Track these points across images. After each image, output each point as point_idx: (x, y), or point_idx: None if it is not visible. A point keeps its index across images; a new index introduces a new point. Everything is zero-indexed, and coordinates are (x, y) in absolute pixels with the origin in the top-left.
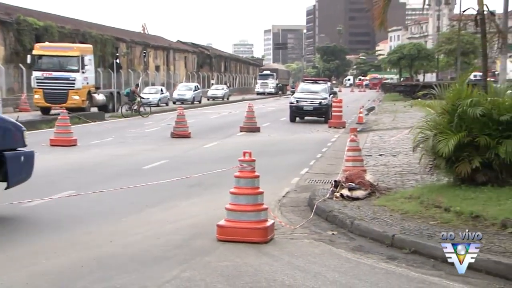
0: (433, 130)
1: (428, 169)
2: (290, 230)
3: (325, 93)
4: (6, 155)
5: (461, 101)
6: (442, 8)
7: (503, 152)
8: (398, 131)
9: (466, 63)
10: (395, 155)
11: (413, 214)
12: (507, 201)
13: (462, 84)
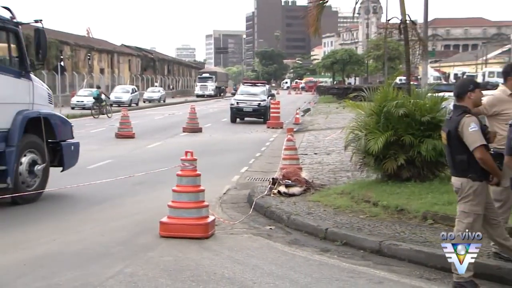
0: (363, 130)
1: (358, 167)
2: (230, 225)
3: (263, 95)
4: (62, 145)
5: (387, 103)
6: (371, 16)
7: (424, 150)
8: (332, 131)
9: (392, 68)
10: (329, 153)
11: (345, 208)
12: (427, 195)
13: (388, 87)
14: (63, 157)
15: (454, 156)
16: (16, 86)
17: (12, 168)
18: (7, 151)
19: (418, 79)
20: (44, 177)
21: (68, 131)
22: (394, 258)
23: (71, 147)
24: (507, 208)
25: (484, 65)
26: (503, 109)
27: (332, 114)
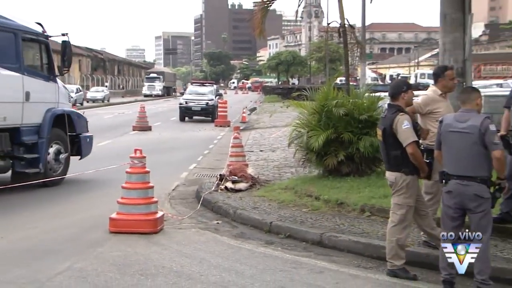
0: (306, 127)
1: (301, 163)
2: (179, 220)
3: (211, 95)
4: (80, 137)
5: (328, 102)
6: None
7: (362, 147)
8: (277, 129)
9: (333, 69)
10: (274, 150)
11: (289, 203)
12: (365, 189)
13: (329, 87)
14: (81, 147)
15: (388, 152)
16: (46, 88)
17: (43, 156)
18: (39, 142)
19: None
20: (66, 164)
21: (84, 125)
22: (334, 249)
23: (87, 139)
24: (436, 200)
25: (416, 67)
26: (435, 108)
27: (277, 113)
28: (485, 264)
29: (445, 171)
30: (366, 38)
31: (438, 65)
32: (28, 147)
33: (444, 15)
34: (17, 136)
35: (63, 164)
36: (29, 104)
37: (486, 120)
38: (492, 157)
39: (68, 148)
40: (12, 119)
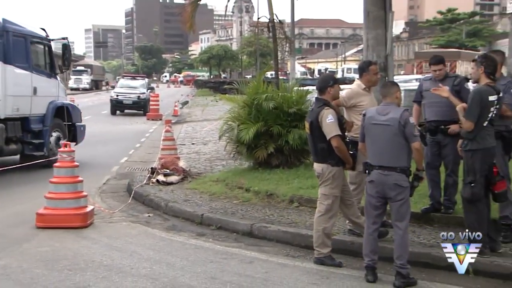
0: (236, 121)
1: (232, 155)
2: (109, 214)
3: (143, 88)
4: (76, 126)
5: (258, 95)
6: (244, 15)
7: (291, 139)
8: (209, 122)
9: (264, 63)
10: (206, 143)
11: (220, 195)
12: (294, 181)
13: (259, 81)
14: (76, 134)
15: (316, 144)
16: (49, 84)
17: (47, 141)
18: (44, 130)
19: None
20: None
21: (79, 116)
22: (264, 239)
23: (81, 127)
24: (361, 190)
25: (343, 62)
26: (359, 101)
27: (209, 107)
28: (404, 249)
29: (368, 162)
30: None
31: (363, 60)
32: (35, 134)
33: (367, 12)
34: (26, 124)
35: None
36: (36, 97)
37: (405, 112)
38: (412, 148)
39: (66, 135)
40: (23, 110)
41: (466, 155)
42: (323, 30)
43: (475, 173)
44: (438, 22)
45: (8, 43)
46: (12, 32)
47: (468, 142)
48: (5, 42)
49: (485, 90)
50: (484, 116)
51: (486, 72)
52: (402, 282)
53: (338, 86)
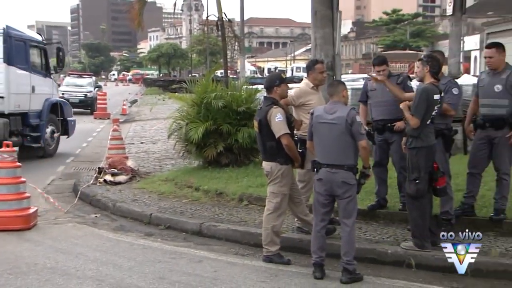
0: (185, 119)
1: (181, 154)
2: (54, 215)
3: (90, 87)
4: (68, 120)
5: (207, 94)
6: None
7: (241, 138)
8: (158, 121)
9: (214, 62)
10: (155, 142)
11: (169, 194)
12: (243, 179)
13: (208, 80)
14: (68, 128)
15: (264, 143)
16: (44, 82)
17: (43, 134)
18: (41, 124)
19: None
20: (57, 141)
21: (70, 111)
22: (213, 238)
23: (72, 122)
24: (309, 188)
25: (292, 61)
26: (307, 100)
27: (158, 105)
28: (351, 245)
29: (316, 160)
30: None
31: (310, 59)
32: (33, 128)
33: (315, 11)
34: (26, 119)
35: (55, 141)
36: (34, 95)
37: (352, 111)
38: (359, 147)
39: (59, 129)
40: (23, 106)
41: (410, 152)
42: (273, 29)
43: (419, 170)
44: (384, 23)
45: (11, 47)
46: (14, 37)
47: (413, 140)
48: (8, 46)
49: (430, 88)
50: (429, 114)
51: (431, 72)
52: (349, 278)
53: (285, 85)
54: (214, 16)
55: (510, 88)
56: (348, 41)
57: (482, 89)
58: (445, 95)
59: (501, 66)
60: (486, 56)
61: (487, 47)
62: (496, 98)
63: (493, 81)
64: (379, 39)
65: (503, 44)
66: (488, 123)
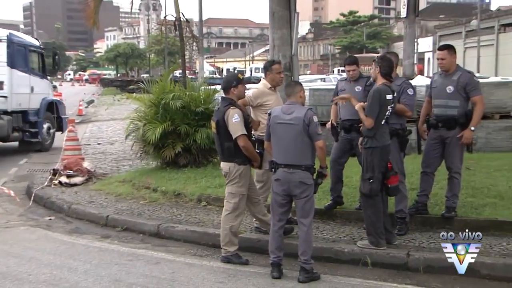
0: (143, 120)
1: (139, 155)
2: (6, 219)
3: None
4: (62, 118)
5: (165, 95)
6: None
7: (199, 139)
8: (115, 122)
9: (173, 62)
10: (112, 143)
11: (126, 195)
12: (202, 180)
13: (166, 80)
14: (62, 125)
15: (222, 144)
16: (41, 83)
17: (41, 130)
18: (38, 121)
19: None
20: (53, 137)
21: (64, 109)
22: (171, 239)
23: (66, 119)
24: (267, 188)
25: (251, 62)
26: (265, 101)
27: (115, 106)
28: (308, 245)
29: (274, 160)
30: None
31: (267, 60)
32: (31, 124)
33: (272, 12)
34: (26, 116)
35: (51, 137)
36: (33, 95)
37: (309, 111)
38: (316, 147)
39: (55, 126)
40: (23, 105)
41: (366, 152)
42: (231, 29)
43: (373, 170)
44: (341, 24)
45: (13, 51)
46: (16, 43)
47: (368, 140)
48: (11, 51)
49: (383, 89)
50: (382, 114)
51: (382, 73)
52: (306, 277)
53: (242, 86)
54: (172, 16)
55: (461, 89)
56: (306, 42)
57: (434, 90)
58: (400, 96)
59: (453, 68)
60: (438, 58)
61: (439, 49)
62: (448, 99)
63: (445, 82)
64: (337, 40)
65: (454, 46)
66: (441, 123)
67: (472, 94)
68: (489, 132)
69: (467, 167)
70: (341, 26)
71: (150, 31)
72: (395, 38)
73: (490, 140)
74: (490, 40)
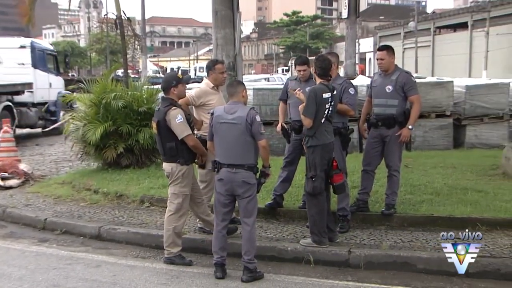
0: (83, 120)
1: (80, 156)
2: None
3: None
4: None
5: (106, 94)
6: (92, 10)
7: (142, 139)
8: None
9: (115, 61)
10: (52, 144)
11: (66, 197)
12: (145, 180)
13: (107, 79)
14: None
15: (164, 144)
16: (56, 80)
17: (59, 119)
18: (56, 110)
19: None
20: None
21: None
22: (112, 242)
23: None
24: (210, 188)
25: (195, 61)
26: (208, 100)
27: None
28: (251, 244)
29: (217, 160)
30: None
31: (210, 59)
32: (52, 113)
33: (215, 11)
34: (47, 107)
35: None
36: (51, 89)
37: (252, 111)
38: (259, 146)
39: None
40: (45, 97)
41: (308, 151)
42: (175, 28)
43: (316, 168)
44: (284, 24)
45: (35, 55)
46: (37, 48)
47: (309, 139)
48: (34, 55)
49: (319, 88)
50: (321, 113)
51: (317, 73)
52: (250, 277)
53: (182, 85)
54: (113, 14)
55: (399, 89)
56: (250, 42)
57: (374, 89)
58: (342, 95)
59: (391, 68)
60: (377, 58)
61: (378, 49)
62: (387, 98)
63: (385, 82)
64: (280, 40)
65: (393, 47)
66: (380, 122)
67: (409, 93)
68: (426, 131)
69: (406, 165)
70: (285, 26)
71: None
72: (337, 38)
73: (427, 139)
74: (426, 41)
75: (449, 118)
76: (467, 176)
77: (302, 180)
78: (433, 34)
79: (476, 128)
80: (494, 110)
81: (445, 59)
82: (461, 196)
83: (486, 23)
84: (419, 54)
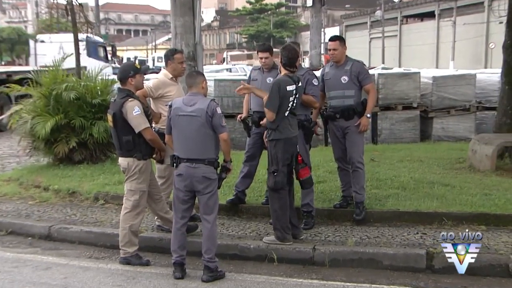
0: (31, 113)
1: (28, 151)
2: None
3: None
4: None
5: (57, 85)
6: None
7: (96, 132)
8: None
9: None
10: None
11: (12, 195)
12: (99, 177)
13: (57, 69)
14: None
15: (120, 138)
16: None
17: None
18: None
19: None
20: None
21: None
22: (64, 242)
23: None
24: (169, 184)
25: (153, 50)
26: (166, 92)
27: None
28: (212, 242)
29: (176, 154)
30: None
31: (169, 49)
32: None
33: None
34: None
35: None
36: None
37: (212, 103)
38: (220, 139)
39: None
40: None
41: (270, 144)
42: (132, 15)
43: (278, 162)
44: (247, 12)
45: (89, 47)
46: (90, 42)
47: (271, 132)
48: (88, 47)
49: (283, 80)
50: (284, 106)
51: (283, 63)
52: (210, 276)
53: (140, 76)
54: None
55: (354, 79)
56: (211, 30)
57: (328, 82)
58: (306, 87)
59: (343, 59)
60: (330, 49)
61: (330, 40)
62: (344, 89)
63: (339, 73)
64: (243, 28)
65: (344, 38)
66: (338, 114)
67: (364, 82)
68: (393, 123)
69: (372, 158)
70: (248, 14)
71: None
72: (302, 27)
73: (394, 131)
74: (393, 31)
75: (416, 110)
76: (434, 170)
77: (265, 175)
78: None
79: (443, 120)
80: (461, 102)
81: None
82: (427, 190)
83: (453, 12)
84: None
